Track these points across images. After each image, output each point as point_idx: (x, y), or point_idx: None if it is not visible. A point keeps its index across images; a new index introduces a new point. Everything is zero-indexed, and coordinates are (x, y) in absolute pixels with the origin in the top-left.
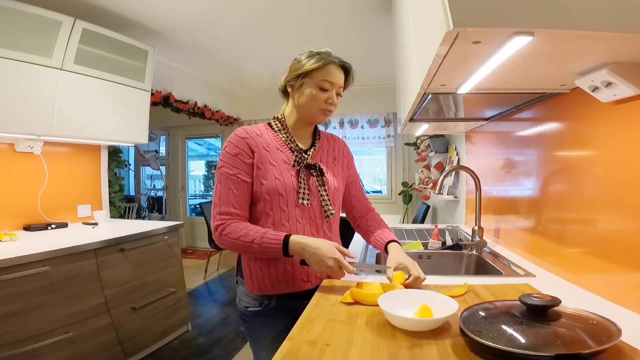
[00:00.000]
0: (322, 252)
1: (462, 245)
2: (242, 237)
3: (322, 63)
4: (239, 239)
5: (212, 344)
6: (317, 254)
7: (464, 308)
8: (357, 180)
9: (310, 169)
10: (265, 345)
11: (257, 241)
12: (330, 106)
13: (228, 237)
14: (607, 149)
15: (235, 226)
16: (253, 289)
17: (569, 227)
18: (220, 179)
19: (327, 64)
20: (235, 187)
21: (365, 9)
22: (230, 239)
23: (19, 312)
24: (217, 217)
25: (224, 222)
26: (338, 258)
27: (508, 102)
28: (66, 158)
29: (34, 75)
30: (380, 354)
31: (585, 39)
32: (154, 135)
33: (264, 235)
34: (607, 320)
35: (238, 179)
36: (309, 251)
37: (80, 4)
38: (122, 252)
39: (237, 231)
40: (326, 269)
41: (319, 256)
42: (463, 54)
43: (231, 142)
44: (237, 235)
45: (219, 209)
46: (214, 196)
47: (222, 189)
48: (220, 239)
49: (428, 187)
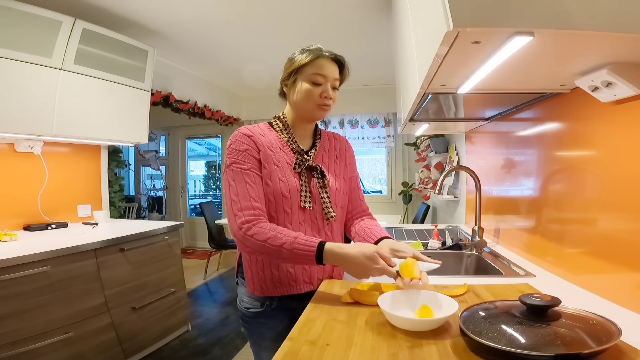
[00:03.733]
0: (364, 263)
1: (462, 245)
2: (270, 239)
3: (312, 57)
4: (267, 241)
5: (212, 344)
6: (358, 264)
7: (464, 308)
8: (354, 178)
9: (312, 170)
10: (266, 345)
11: (287, 246)
12: (326, 100)
13: (254, 238)
14: (607, 149)
15: (262, 227)
16: (255, 290)
17: (569, 227)
18: (234, 176)
19: (317, 57)
20: (252, 181)
21: (365, 9)
22: (256, 240)
23: (19, 312)
24: (240, 214)
25: (249, 220)
26: (381, 267)
27: (508, 102)
28: (66, 158)
29: (34, 75)
30: (380, 354)
31: (585, 39)
32: (154, 135)
33: (296, 240)
34: (607, 320)
35: (253, 173)
36: (350, 262)
37: (80, 4)
38: (122, 252)
39: (264, 232)
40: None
41: (361, 267)
42: (463, 54)
43: (237, 139)
44: (265, 237)
45: (239, 205)
46: (228, 195)
47: (238, 185)
48: (244, 240)
49: (428, 187)
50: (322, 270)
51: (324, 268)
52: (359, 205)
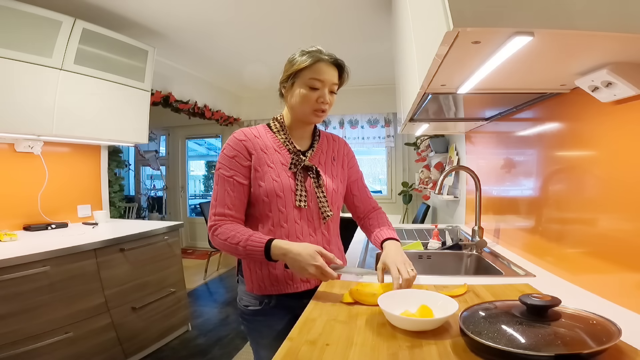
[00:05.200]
0: (303, 259)
1: (462, 245)
2: (229, 239)
3: (311, 61)
4: (227, 240)
5: (212, 344)
6: (298, 260)
7: (464, 308)
8: (359, 179)
9: (308, 170)
10: (265, 344)
11: (242, 244)
12: (323, 105)
13: (218, 237)
14: (607, 149)
15: (225, 227)
16: (253, 288)
17: (569, 227)
18: (218, 181)
19: (316, 61)
20: (231, 189)
21: (365, 9)
22: (220, 239)
23: (19, 312)
24: (212, 218)
25: (216, 223)
26: (320, 265)
27: (508, 102)
28: (66, 158)
29: (34, 75)
30: (380, 354)
31: (585, 39)
32: (154, 135)
33: (249, 238)
34: (607, 320)
35: (234, 181)
36: (291, 257)
37: (80, 4)
38: (122, 252)
39: (226, 232)
40: (309, 276)
41: (300, 263)
42: (463, 54)
43: (229, 145)
44: (226, 236)
45: (215, 210)
46: (212, 196)
47: (219, 190)
48: (212, 239)
49: (428, 187)
50: None
51: None
52: (369, 204)
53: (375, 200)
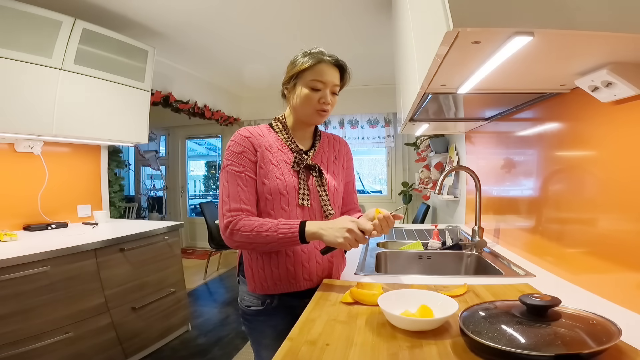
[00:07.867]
0: (339, 223)
1: (462, 245)
2: (256, 228)
3: (312, 62)
4: (254, 230)
5: (212, 344)
6: (332, 227)
7: (464, 308)
8: (351, 183)
9: (310, 169)
10: (266, 344)
11: (273, 229)
12: (324, 105)
13: (241, 231)
14: (607, 149)
15: (248, 220)
16: (255, 288)
17: (569, 227)
18: (227, 177)
19: (318, 62)
20: (243, 184)
21: (365, 8)
22: (243, 232)
23: (19, 312)
24: (227, 215)
25: (234, 218)
26: (351, 228)
27: (508, 102)
28: (66, 158)
29: (34, 75)
30: (380, 354)
31: (585, 39)
32: (154, 135)
33: (279, 223)
34: (607, 320)
35: (246, 176)
36: (325, 228)
37: (80, 4)
38: (122, 252)
39: (250, 224)
40: (345, 241)
41: (334, 230)
42: (463, 54)
43: (235, 141)
44: (252, 227)
45: (229, 206)
46: (221, 195)
47: (230, 186)
48: (232, 235)
49: (428, 187)
50: (321, 267)
51: (323, 266)
52: (352, 205)
53: (357, 203)
